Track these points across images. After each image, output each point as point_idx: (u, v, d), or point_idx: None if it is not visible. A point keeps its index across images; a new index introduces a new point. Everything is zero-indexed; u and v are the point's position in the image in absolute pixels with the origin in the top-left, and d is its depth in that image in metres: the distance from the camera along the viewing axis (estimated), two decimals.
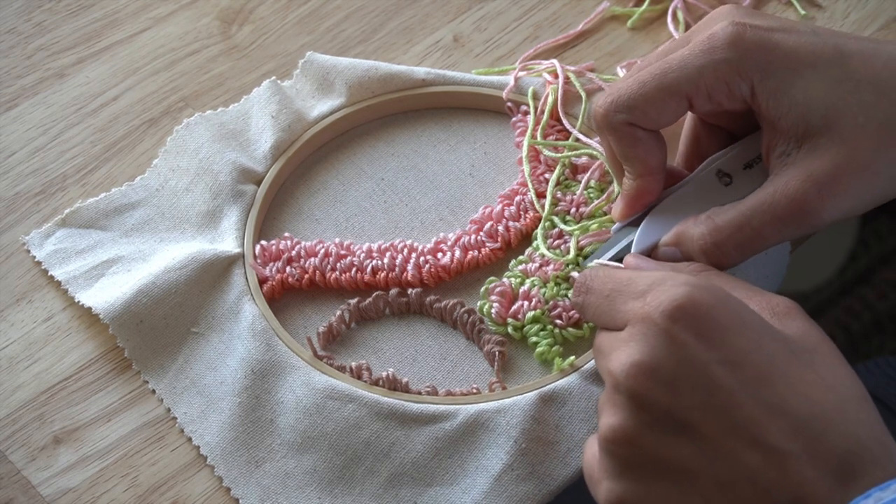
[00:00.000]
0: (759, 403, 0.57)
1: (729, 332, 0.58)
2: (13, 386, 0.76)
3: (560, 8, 0.92)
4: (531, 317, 0.76)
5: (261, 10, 0.93)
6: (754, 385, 0.57)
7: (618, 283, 0.63)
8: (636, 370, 0.58)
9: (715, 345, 0.58)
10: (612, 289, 0.63)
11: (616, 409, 0.59)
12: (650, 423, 0.58)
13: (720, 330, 0.58)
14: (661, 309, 0.59)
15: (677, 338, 0.58)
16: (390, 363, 0.76)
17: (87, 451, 0.74)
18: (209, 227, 0.81)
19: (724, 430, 0.57)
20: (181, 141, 0.84)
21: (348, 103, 0.85)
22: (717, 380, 0.57)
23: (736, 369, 0.58)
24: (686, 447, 0.58)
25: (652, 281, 0.61)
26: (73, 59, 0.91)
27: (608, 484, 0.60)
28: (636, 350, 0.59)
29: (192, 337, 0.77)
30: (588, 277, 0.66)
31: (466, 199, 0.83)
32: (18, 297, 0.80)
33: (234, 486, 0.72)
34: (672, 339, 0.58)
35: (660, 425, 0.58)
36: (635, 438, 0.59)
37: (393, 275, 0.78)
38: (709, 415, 0.57)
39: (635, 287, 0.62)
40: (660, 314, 0.58)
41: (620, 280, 0.63)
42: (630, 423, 0.59)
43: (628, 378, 0.59)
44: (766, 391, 0.57)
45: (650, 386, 0.58)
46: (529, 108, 0.84)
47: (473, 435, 0.72)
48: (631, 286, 0.62)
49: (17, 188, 0.85)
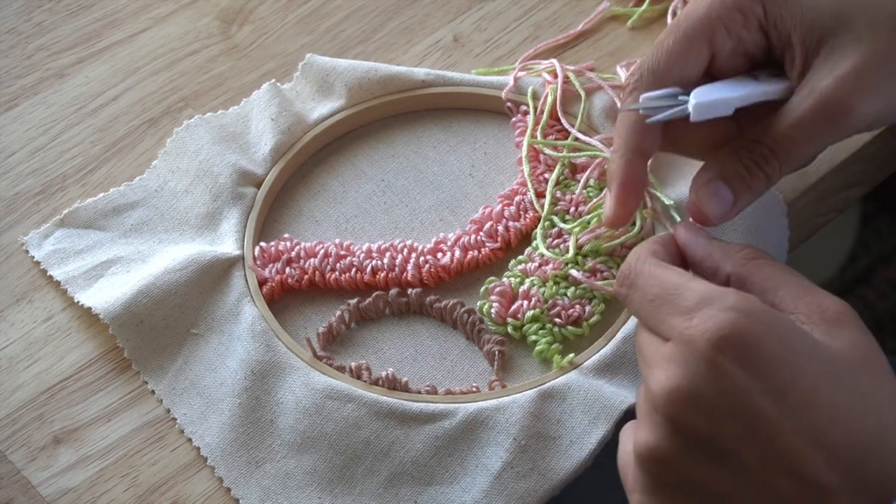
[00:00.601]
0: (798, 434, 0.56)
1: (774, 361, 0.57)
2: (13, 386, 0.76)
3: (560, 8, 0.92)
4: (531, 316, 0.76)
5: (261, 10, 0.93)
6: (796, 415, 0.56)
7: (664, 290, 0.61)
8: (676, 396, 0.57)
9: (759, 375, 0.57)
10: (657, 294, 0.61)
11: (654, 427, 0.58)
12: (687, 448, 0.58)
13: (765, 359, 0.57)
14: (707, 336, 0.57)
15: (721, 368, 0.57)
16: (390, 363, 0.76)
17: (87, 451, 0.74)
18: (209, 228, 0.81)
19: (761, 459, 0.57)
20: (181, 143, 0.84)
21: (348, 105, 0.85)
22: (758, 410, 0.56)
23: (778, 399, 0.57)
24: (721, 473, 0.57)
25: (700, 298, 0.59)
26: (73, 59, 0.91)
27: (639, 497, 0.60)
28: (677, 375, 0.57)
29: (191, 338, 0.77)
30: (634, 272, 0.63)
31: (466, 199, 0.83)
32: (18, 297, 0.80)
33: (234, 487, 0.72)
34: (715, 368, 0.57)
35: (697, 450, 0.57)
36: (670, 460, 0.58)
37: (393, 275, 0.78)
38: (747, 444, 0.57)
39: (683, 301, 0.60)
40: (705, 342, 0.57)
41: (668, 287, 0.61)
42: (666, 445, 0.58)
43: (668, 403, 0.57)
44: (807, 421, 0.56)
45: (689, 413, 0.57)
46: (529, 108, 0.84)
47: (473, 433, 0.72)
48: (678, 299, 0.60)
49: (16, 188, 0.85)
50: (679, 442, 0.58)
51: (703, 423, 0.57)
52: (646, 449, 0.59)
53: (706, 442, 0.57)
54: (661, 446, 0.58)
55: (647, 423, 0.59)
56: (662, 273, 0.62)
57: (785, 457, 0.56)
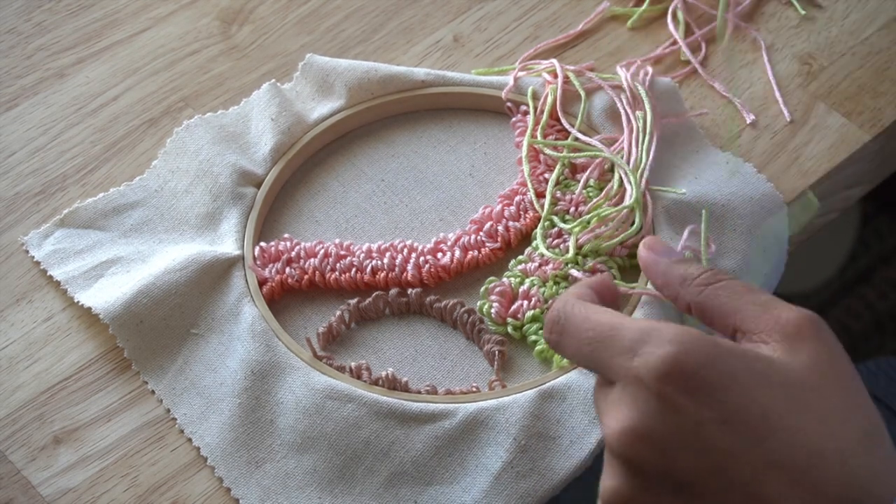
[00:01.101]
0: (755, 460, 0.56)
1: (720, 390, 0.57)
2: (13, 386, 0.76)
3: (560, 8, 0.92)
4: (531, 316, 0.76)
5: (261, 10, 0.93)
6: (750, 442, 0.56)
7: (598, 333, 0.60)
8: (629, 436, 0.57)
9: (707, 404, 0.56)
10: (592, 338, 0.60)
11: (613, 470, 0.58)
12: (647, 487, 0.57)
13: (712, 388, 0.56)
14: (653, 372, 0.56)
15: (669, 400, 0.56)
16: (390, 363, 0.76)
17: (87, 451, 0.74)
18: (209, 228, 0.81)
19: (721, 488, 0.56)
20: (181, 143, 0.84)
21: (348, 105, 0.85)
22: (711, 440, 0.56)
23: (730, 428, 0.56)
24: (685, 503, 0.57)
25: (638, 336, 0.58)
26: (73, 59, 0.91)
27: None
28: (627, 415, 0.57)
29: (191, 338, 0.77)
30: (563, 316, 0.62)
31: (466, 199, 0.83)
32: (18, 297, 0.80)
33: (234, 487, 0.72)
34: (664, 402, 0.56)
35: (657, 487, 0.57)
36: (634, 499, 0.58)
37: (393, 275, 0.78)
38: (705, 475, 0.56)
39: (620, 342, 0.59)
40: (652, 377, 0.56)
41: (602, 329, 0.60)
42: (626, 486, 0.58)
43: (622, 445, 0.57)
44: (761, 447, 0.56)
45: (644, 451, 0.57)
46: (529, 108, 0.84)
47: (473, 433, 0.72)
48: (616, 339, 0.59)
49: (16, 188, 0.85)
50: (638, 482, 0.58)
51: (658, 459, 0.57)
52: (610, 493, 0.58)
53: (665, 477, 0.57)
54: (623, 487, 0.58)
55: (607, 468, 0.59)
56: (594, 315, 0.61)
57: (744, 484, 0.56)
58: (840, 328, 1.49)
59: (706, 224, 0.77)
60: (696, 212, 0.79)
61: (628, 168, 0.79)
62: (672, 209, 0.79)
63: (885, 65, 0.88)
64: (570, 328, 0.61)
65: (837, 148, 0.84)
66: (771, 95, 0.87)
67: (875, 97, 0.86)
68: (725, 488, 0.56)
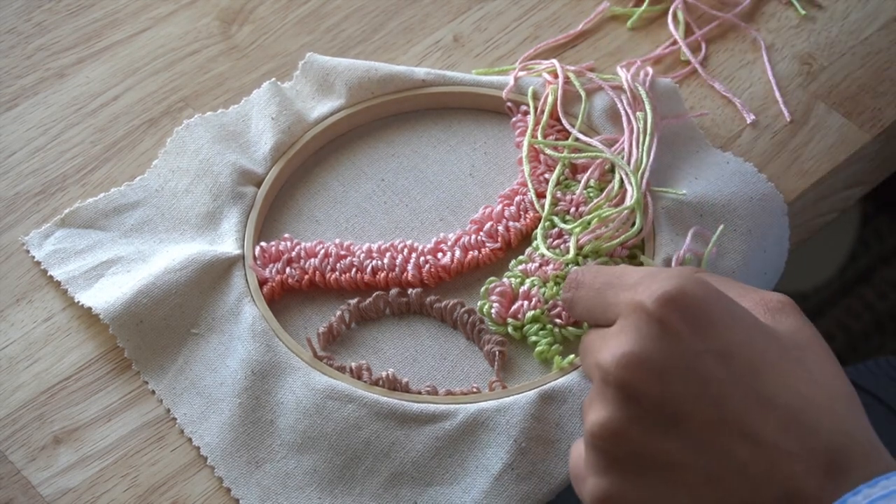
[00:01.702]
0: (750, 396, 0.57)
1: (720, 325, 0.58)
2: (13, 386, 0.76)
3: (560, 8, 0.92)
4: (531, 316, 0.76)
5: (261, 10, 0.93)
6: (746, 377, 0.57)
7: (609, 277, 0.63)
8: (627, 360, 0.58)
9: (707, 336, 0.58)
10: (603, 282, 0.63)
11: (605, 402, 0.58)
12: (639, 416, 0.58)
13: (712, 322, 0.58)
14: (654, 298, 0.58)
15: (669, 327, 0.57)
16: (390, 363, 0.76)
17: (87, 451, 0.74)
18: (209, 228, 0.81)
19: (714, 422, 0.57)
20: (181, 142, 0.84)
21: (348, 104, 0.85)
22: (708, 371, 0.57)
23: (728, 361, 0.57)
24: (675, 440, 0.57)
25: (644, 273, 0.61)
26: (73, 59, 0.91)
27: (594, 480, 0.60)
28: (627, 340, 0.58)
29: (191, 338, 0.77)
30: (579, 272, 0.66)
31: (466, 199, 0.83)
32: (18, 297, 0.80)
33: (234, 487, 0.72)
34: (664, 328, 0.57)
35: (649, 418, 0.58)
36: (623, 432, 0.58)
37: (393, 275, 0.78)
38: (699, 406, 0.57)
39: (627, 279, 0.62)
40: (652, 302, 0.58)
41: (612, 273, 0.63)
42: (618, 416, 0.58)
43: (618, 368, 0.58)
44: (757, 384, 0.57)
45: (641, 377, 0.57)
46: (529, 108, 0.84)
47: (473, 434, 0.72)
48: (623, 278, 0.62)
49: (17, 188, 0.85)
50: (631, 411, 0.58)
51: (654, 386, 0.57)
52: (598, 425, 0.58)
53: (658, 407, 0.57)
54: (614, 418, 0.58)
55: (597, 402, 0.59)
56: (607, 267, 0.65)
57: (737, 418, 0.56)
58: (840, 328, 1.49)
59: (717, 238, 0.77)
60: (697, 212, 0.79)
61: (629, 169, 0.79)
62: (672, 210, 0.79)
63: (885, 65, 0.88)
64: (585, 280, 0.65)
65: (837, 148, 0.84)
66: (771, 95, 0.87)
67: (875, 97, 0.86)
68: (718, 423, 0.57)
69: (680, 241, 0.78)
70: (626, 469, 0.59)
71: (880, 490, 0.54)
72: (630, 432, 0.58)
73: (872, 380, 0.98)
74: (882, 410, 0.94)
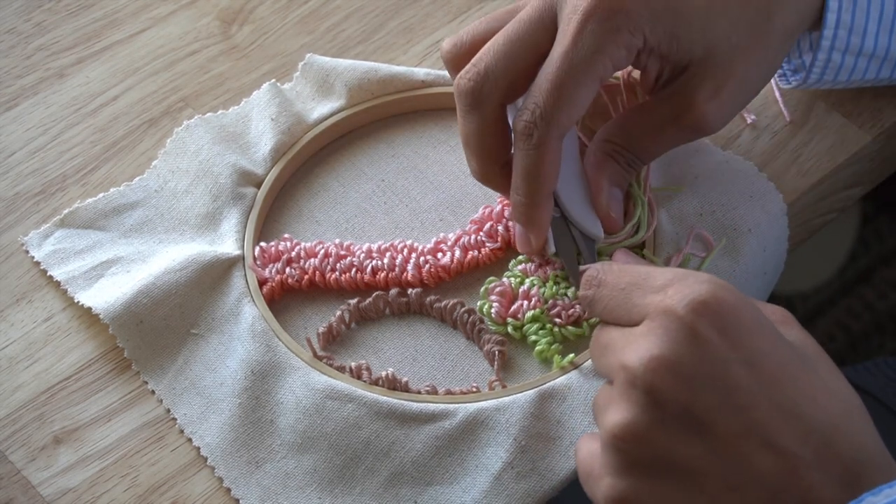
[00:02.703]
0: (774, 405, 0.57)
1: (749, 333, 0.58)
2: (13, 386, 0.76)
3: None
4: (531, 316, 0.76)
5: (261, 10, 0.93)
6: (771, 387, 0.57)
7: (635, 277, 0.62)
8: (656, 364, 0.57)
9: (736, 343, 0.58)
10: (628, 282, 0.62)
11: (629, 404, 0.58)
12: (664, 421, 0.58)
13: (741, 329, 0.58)
14: (686, 302, 0.58)
15: (701, 333, 0.57)
16: (390, 363, 0.76)
17: (87, 451, 0.74)
18: (209, 229, 0.81)
19: (738, 430, 0.57)
20: (181, 143, 0.84)
21: (348, 105, 0.85)
22: (736, 379, 0.57)
23: (755, 369, 0.57)
24: (698, 446, 0.57)
25: (673, 276, 0.60)
26: (73, 59, 0.91)
27: (610, 480, 0.60)
28: (657, 343, 0.58)
29: (191, 338, 0.77)
30: (600, 271, 0.64)
31: (466, 199, 0.83)
32: (18, 297, 0.80)
33: (234, 487, 0.72)
34: (695, 334, 0.57)
35: (674, 423, 0.58)
36: (646, 435, 0.58)
37: (393, 275, 0.78)
38: (725, 414, 0.57)
39: (654, 281, 0.61)
40: (684, 307, 0.58)
41: (638, 274, 0.62)
42: (643, 420, 0.58)
43: (647, 372, 0.57)
44: (781, 394, 0.57)
45: (669, 382, 0.57)
46: None
47: (473, 433, 0.72)
48: (650, 280, 0.61)
49: (16, 188, 0.85)
50: (656, 415, 0.58)
51: (682, 391, 0.57)
52: (619, 426, 0.58)
53: (684, 413, 0.57)
54: (639, 420, 0.58)
55: (620, 403, 0.59)
56: (630, 266, 0.64)
57: (761, 427, 0.57)
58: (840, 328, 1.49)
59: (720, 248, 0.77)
60: (697, 212, 0.79)
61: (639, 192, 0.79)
62: (673, 210, 0.79)
63: None
64: (608, 279, 0.64)
65: (837, 148, 0.84)
66: (771, 95, 0.87)
67: (875, 97, 0.86)
68: (742, 431, 0.57)
69: (680, 241, 0.78)
70: (646, 472, 0.59)
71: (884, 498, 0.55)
72: (653, 436, 0.58)
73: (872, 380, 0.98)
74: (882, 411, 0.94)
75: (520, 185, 0.73)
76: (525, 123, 0.71)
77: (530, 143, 0.71)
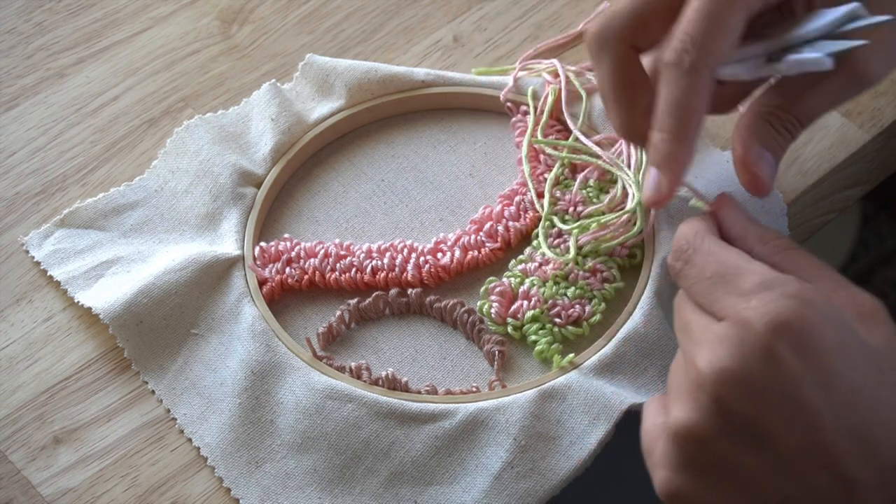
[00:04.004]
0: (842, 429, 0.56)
1: (826, 353, 0.57)
2: (13, 386, 0.76)
3: (560, 8, 0.92)
4: (530, 316, 0.76)
5: (261, 10, 0.94)
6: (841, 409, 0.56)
7: (724, 268, 0.60)
8: (727, 377, 0.57)
9: (812, 366, 0.56)
10: (715, 272, 0.60)
11: (695, 405, 0.58)
12: (728, 430, 0.57)
13: (820, 350, 0.57)
14: (766, 320, 0.56)
15: (776, 354, 0.56)
16: (390, 363, 0.76)
17: (87, 451, 0.74)
18: (209, 229, 0.81)
19: (802, 449, 0.56)
20: (181, 143, 0.84)
21: (348, 105, 0.85)
22: (807, 400, 0.56)
23: (827, 392, 0.56)
24: (758, 458, 0.57)
25: (761, 281, 0.58)
26: (73, 59, 0.91)
27: (667, 473, 0.59)
28: (730, 355, 0.57)
29: (191, 338, 0.77)
30: (692, 246, 0.62)
31: (466, 199, 0.83)
32: (18, 297, 0.80)
33: (234, 487, 0.72)
34: (770, 353, 0.56)
35: (738, 434, 0.57)
36: (709, 440, 0.58)
37: (393, 275, 0.79)
38: (790, 433, 0.56)
39: (742, 282, 0.59)
40: (763, 325, 0.56)
41: (728, 266, 0.60)
42: (707, 425, 0.57)
43: (716, 383, 0.57)
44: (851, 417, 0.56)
45: (738, 396, 0.57)
46: (529, 108, 0.84)
47: (473, 433, 0.72)
48: (738, 279, 0.59)
49: (17, 188, 0.85)
50: (722, 423, 0.57)
51: (750, 407, 0.56)
52: (685, 426, 0.58)
53: (749, 426, 0.57)
54: (703, 425, 0.57)
55: (688, 401, 0.58)
56: (721, 252, 0.61)
57: (825, 450, 0.56)
58: None
59: None
60: (697, 212, 0.79)
61: (630, 178, 0.79)
62: (672, 209, 0.79)
63: None
64: (697, 259, 0.62)
65: (837, 148, 0.84)
66: None
67: (875, 97, 0.86)
68: (805, 450, 0.56)
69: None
70: (703, 473, 0.58)
71: None
72: (716, 442, 0.58)
73: None
74: None
75: (663, 119, 0.66)
76: (674, 51, 0.65)
77: (681, 70, 0.65)
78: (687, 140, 0.66)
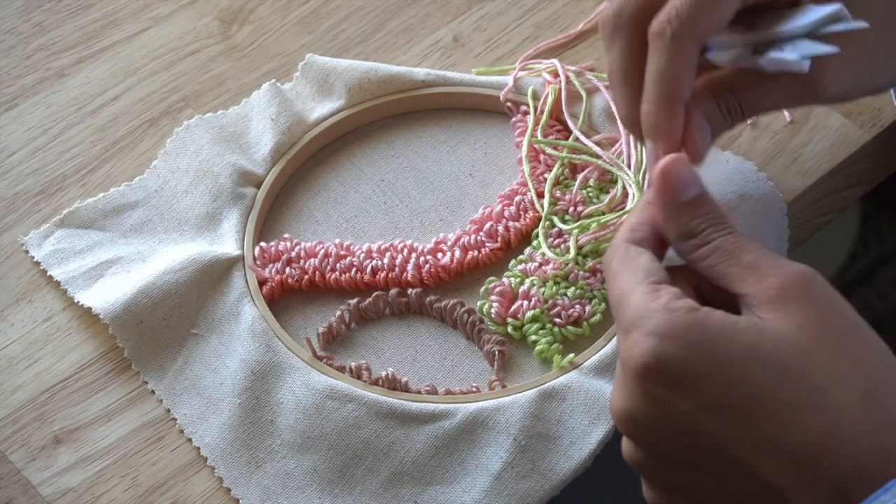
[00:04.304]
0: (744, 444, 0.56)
1: (704, 378, 0.56)
2: (13, 386, 0.76)
3: (560, 8, 0.92)
4: (531, 316, 0.76)
5: (261, 10, 0.93)
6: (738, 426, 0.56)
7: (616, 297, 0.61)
8: (620, 417, 0.59)
9: (691, 395, 0.57)
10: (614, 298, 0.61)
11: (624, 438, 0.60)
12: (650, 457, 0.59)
13: (694, 379, 0.56)
14: (631, 366, 0.57)
15: (652, 393, 0.57)
16: (390, 363, 0.76)
17: (87, 451, 0.74)
18: (209, 229, 0.81)
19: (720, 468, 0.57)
20: (181, 143, 0.84)
21: (348, 105, 0.85)
22: (700, 426, 0.57)
23: (718, 413, 0.56)
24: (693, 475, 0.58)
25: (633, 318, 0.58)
26: (73, 59, 0.91)
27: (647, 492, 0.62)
28: (620, 398, 0.59)
29: (191, 338, 0.77)
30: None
31: (466, 199, 0.83)
32: (18, 297, 0.80)
33: (234, 487, 0.72)
34: (647, 394, 0.57)
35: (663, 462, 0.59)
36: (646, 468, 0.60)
37: (393, 275, 0.79)
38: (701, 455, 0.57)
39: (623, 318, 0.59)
40: (631, 370, 0.57)
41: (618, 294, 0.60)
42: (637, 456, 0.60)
43: (619, 423, 0.59)
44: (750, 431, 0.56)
45: (640, 433, 0.59)
46: (529, 108, 0.84)
47: (473, 433, 0.72)
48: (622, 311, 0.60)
49: (17, 188, 0.85)
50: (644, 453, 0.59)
51: (653, 440, 0.58)
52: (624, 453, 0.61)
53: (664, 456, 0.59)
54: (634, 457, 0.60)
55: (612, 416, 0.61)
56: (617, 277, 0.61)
57: (739, 465, 0.56)
58: None
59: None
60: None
61: (629, 174, 0.79)
62: None
63: None
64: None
65: (837, 148, 0.84)
66: None
67: (875, 97, 0.86)
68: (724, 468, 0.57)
69: None
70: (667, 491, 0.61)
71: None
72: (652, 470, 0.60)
73: None
74: None
75: (648, 90, 0.65)
76: (659, 22, 0.64)
77: (664, 39, 0.64)
78: (672, 109, 0.65)
